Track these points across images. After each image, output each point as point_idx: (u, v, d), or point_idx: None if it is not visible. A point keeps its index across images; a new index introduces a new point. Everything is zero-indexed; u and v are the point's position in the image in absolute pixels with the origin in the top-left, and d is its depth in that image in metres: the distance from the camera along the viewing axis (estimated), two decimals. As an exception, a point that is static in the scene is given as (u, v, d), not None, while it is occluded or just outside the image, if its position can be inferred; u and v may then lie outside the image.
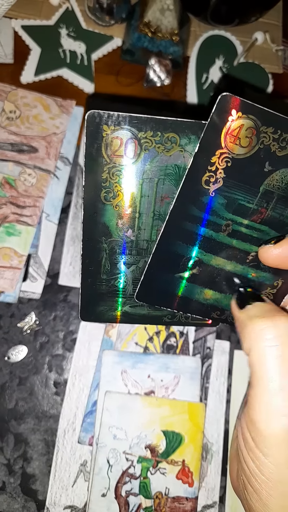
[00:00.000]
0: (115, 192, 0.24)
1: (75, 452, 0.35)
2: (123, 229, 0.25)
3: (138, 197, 0.25)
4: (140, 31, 0.44)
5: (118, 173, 0.24)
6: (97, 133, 0.23)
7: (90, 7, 0.45)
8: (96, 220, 0.25)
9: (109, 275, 0.27)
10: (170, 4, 0.43)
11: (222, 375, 0.38)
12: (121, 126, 0.23)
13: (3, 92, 0.42)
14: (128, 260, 0.26)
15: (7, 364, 0.36)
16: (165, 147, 0.23)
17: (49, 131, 0.41)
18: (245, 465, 0.23)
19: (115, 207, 0.25)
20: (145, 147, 0.23)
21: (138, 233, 0.26)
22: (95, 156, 0.23)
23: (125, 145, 0.23)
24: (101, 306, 0.27)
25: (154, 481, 0.34)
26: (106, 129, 0.23)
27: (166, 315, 0.28)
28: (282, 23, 0.51)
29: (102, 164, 0.24)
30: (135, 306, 0.28)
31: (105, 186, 0.24)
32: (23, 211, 0.39)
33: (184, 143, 0.23)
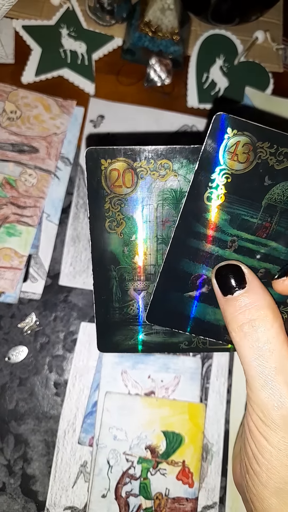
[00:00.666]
0: (118, 220, 0.25)
1: (75, 453, 0.35)
2: (130, 255, 0.26)
3: (140, 223, 0.26)
4: (140, 31, 0.44)
5: (119, 202, 0.25)
6: (96, 168, 0.24)
7: (91, 7, 0.45)
8: (104, 249, 0.26)
9: (121, 303, 0.27)
10: (171, 4, 0.42)
11: (222, 376, 0.38)
12: (117, 158, 0.24)
13: (3, 92, 0.42)
14: (138, 286, 0.27)
15: (7, 365, 0.36)
16: (160, 174, 0.25)
17: (50, 131, 0.41)
18: (248, 448, 0.23)
19: (119, 235, 0.26)
20: (141, 175, 0.25)
21: (145, 259, 0.27)
22: (97, 188, 0.25)
23: (122, 175, 0.24)
24: (117, 336, 0.28)
25: (154, 482, 0.34)
26: (104, 162, 0.24)
27: (183, 341, 0.29)
28: (283, 22, 0.51)
29: (104, 196, 0.25)
30: (150, 334, 0.28)
31: (108, 216, 0.25)
32: (24, 211, 0.39)
33: (177, 168, 0.25)
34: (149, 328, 0.28)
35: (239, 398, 0.38)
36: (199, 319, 0.27)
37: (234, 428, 0.37)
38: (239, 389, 0.38)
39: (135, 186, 0.25)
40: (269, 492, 0.22)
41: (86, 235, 0.40)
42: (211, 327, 0.27)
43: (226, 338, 0.27)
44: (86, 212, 0.41)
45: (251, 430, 0.23)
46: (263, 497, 0.22)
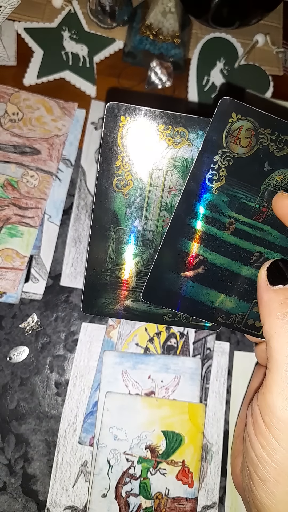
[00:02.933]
0: (126, 180, 0.25)
1: (76, 453, 0.35)
2: (131, 218, 0.26)
3: (147, 187, 0.26)
4: (141, 34, 0.44)
5: (130, 163, 0.25)
6: (115, 123, 0.24)
7: (93, 10, 0.45)
8: (107, 208, 0.26)
9: (113, 265, 0.27)
10: (172, 7, 0.43)
11: (222, 376, 0.38)
12: (137, 118, 0.24)
13: (6, 94, 0.42)
14: (134, 251, 0.27)
15: (8, 365, 0.37)
16: (175, 141, 0.25)
17: (51, 133, 0.42)
18: (252, 453, 0.23)
19: (125, 195, 0.26)
20: (158, 139, 0.25)
21: (145, 223, 0.26)
22: (111, 144, 0.24)
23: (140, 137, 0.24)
24: (104, 298, 0.27)
25: (154, 481, 0.34)
26: (123, 119, 0.24)
27: (167, 313, 0.29)
28: (283, 25, 0.51)
29: (117, 153, 0.25)
30: (137, 301, 0.28)
31: (117, 174, 0.25)
32: (26, 212, 0.39)
33: (192, 138, 0.25)
34: (137, 295, 0.28)
35: (239, 399, 0.38)
36: (192, 299, 0.27)
37: (234, 428, 0.37)
38: (239, 389, 0.38)
39: (149, 151, 0.25)
40: (277, 498, 0.22)
41: (87, 236, 0.40)
42: (204, 308, 0.27)
43: (218, 320, 0.27)
44: (87, 213, 0.41)
45: (262, 432, 0.23)
46: (270, 504, 0.22)
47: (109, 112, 0.24)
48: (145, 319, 0.29)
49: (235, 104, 0.23)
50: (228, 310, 0.27)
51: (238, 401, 0.38)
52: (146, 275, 0.27)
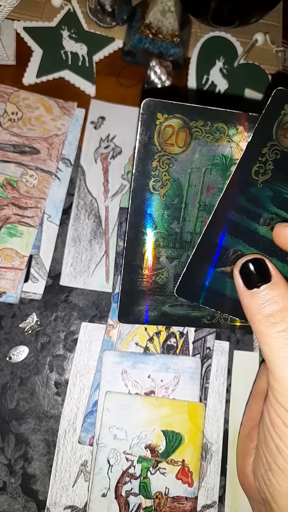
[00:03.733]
0: (164, 181, 0.24)
1: (76, 452, 0.35)
2: (168, 220, 0.25)
3: (186, 187, 0.25)
4: (141, 33, 0.44)
5: (168, 162, 0.24)
6: (151, 121, 0.23)
7: (92, 9, 0.45)
8: (142, 211, 0.25)
9: (150, 271, 0.26)
10: (171, 6, 0.43)
11: (221, 375, 0.38)
12: (174, 114, 0.23)
13: (5, 94, 0.42)
14: (172, 254, 0.26)
15: (8, 365, 0.37)
16: (214, 137, 0.24)
17: (51, 133, 0.41)
18: (272, 444, 0.24)
19: (162, 196, 0.25)
20: (195, 136, 0.24)
21: (183, 225, 0.25)
22: (147, 144, 0.23)
23: (176, 133, 0.23)
24: (141, 306, 0.26)
25: (154, 481, 0.34)
26: (159, 117, 0.23)
27: (205, 316, 0.27)
28: (282, 24, 0.51)
29: (153, 152, 0.24)
30: (174, 306, 0.27)
31: (154, 174, 0.24)
32: (25, 212, 0.39)
33: (231, 134, 0.24)
34: (175, 300, 0.26)
35: (238, 398, 0.38)
36: (229, 297, 0.26)
37: (233, 427, 0.37)
38: (239, 389, 0.38)
39: (187, 147, 0.24)
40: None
41: (87, 236, 0.40)
42: (236, 306, 0.25)
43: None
44: (87, 213, 0.41)
45: (276, 424, 0.23)
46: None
47: (145, 109, 0.23)
48: (183, 323, 0.27)
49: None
50: None
51: (238, 401, 0.38)
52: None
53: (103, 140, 0.43)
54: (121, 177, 0.42)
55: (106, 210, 0.41)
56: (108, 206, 0.41)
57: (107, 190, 0.42)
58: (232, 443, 0.37)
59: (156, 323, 0.27)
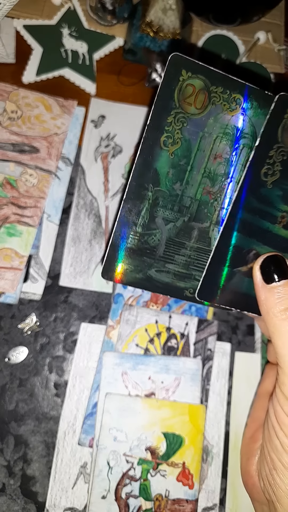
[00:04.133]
0: (175, 139, 0.24)
1: (75, 454, 0.35)
2: (172, 180, 0.25)
3: (195, 150, 0.25)
4: (142, 31, 0.44)
5: (183, 120, 0.24)
6: (175, 76, 0.23)
7: (92, 7, 0.45)
8: (149, 165, 0.25)
9: (144, 229, 0.26)
10: (172, 4, 0.42)
11: (223, 377, 0.38)
12: (198, 75, 0.23)
13: (4, 92, 0.42)
14: (168, 216, 0.26)
15: (7, 366, 0.36)
16: (230, 106, 0.24)
17: (51, 132, 0.41)
18: (277, 441, 0.24)
19: (171, 154, 0.25)
20: (213, 101, 0.24)
21: (185, 188, 0.25)
22: (167, 98, 0.24)
23: (196, 94, 0.24)
24: (127, 265, 0.26)
25: (154, 483, 0.34)
26: (184, 74, 0.23)
27: (188, 288, 0.27)
28: (285, 23, 0.51)
29: (171, 108, 0.24)
30: (160, 272, 0.26)
31: (167, 130, 0.24)
32: (24, 211, 0.39)
33: (246, 107, 0.24)
34: (162, 265, 0.26)
35: (240, 400, 0.37)
36: (247, 295, 0.26)
37: (235, 429, 0.37)
38: (240, 390, 0.38)
39: (203, 110, 0.24)
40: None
41: (87, 236, 0.40)
42: (253, 302, 0.26)
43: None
44: (87, 212, 0.41)
45: (282, 421, 0.24)
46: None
47: (171, 63, 0.23)
48: (166, 292, 0.27)
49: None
50: None
51: (240, 402, 0.37)
52: (176, 244, 0.26)
53: (103, 139, 0.43)
54: (121, 176, 0.42)
55: (106, 210, 0.41)
56: (108, 205, 0.41)
57: (107, 189, 0.41)
58: (233, 445, 0.37)
59: (138, 286, 0.26)
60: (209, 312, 0.39)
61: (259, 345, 0.39)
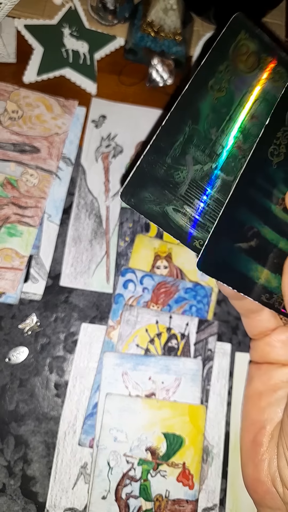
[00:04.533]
0: (222, 86, 0.26)
1: (76, 454, 0.35)
2: (211, 123, 0.26)
3: (236, 103, 0.26)
4: (143, 31, 0.44)
5: (233, 72, 0.25)
6: (234, 33, 0.25)
7: (93, 7, 0.45)
8: (194, 101, 0.26)
9: (173, 162, 0.26)
10: (173, 4, 0.42)
11: (223, 377, 0.38)
12: (254, 40, 0.25)
13: (5, 92, 0.41)
14: (198, 157, 0.26)
15: (7, 366, 0.36)
16: (274, 77, 0.26)
17: (51, 131, 0.41)
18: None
19: (215, 99, 0.26)
20: (261, 67, 0.26)
21: (220, 136, 0.26)
22: (222, 49, 0.25)
23: (248, 55, 0.25)
24: (148, 193, 0.26)
25: (154, 483, 0.34)
26: (242, 34, 0.25)
27: (199, 239, 0.27)
28: (285, 23, 0.51)
29: (224, 58, 0.25)
30: (177, 212, 0.26)
31: (217, 76, 0.25)
32: (25, 211, 0.39)
33: (285, 82, 0.26)
34: (181, 205, 0.26)
35: (240, 400, 0.37)
36: (243, 275, 0.26)
37: (235, 430, 0.37)
38: (240, 391, 0.38)
39: (251, 71, 0.26)
40: None
41: (87, 236, 0.40)
42: (252, 284, 0.26)
43: (261, 299, 0.27)
44: (88, 212, 0.41)
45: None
46: None
47: (234, 21, 0.24)
48: (177, 235, 0.27)
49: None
50: (271, 289, 0.27)
51: (240, 403, 0.37)
52: (199, 188, 0.26)
53: (104, 139, 0.43)
54: (122, 177, 0.42)
55: (107, 210, 0.41)
56: (109, 205, 0.41)
57: (108, 189, 0.41)
58: (233, 445, 0.37)
59: (152, 219, 0.26)
60: (209, 312, 0.39)
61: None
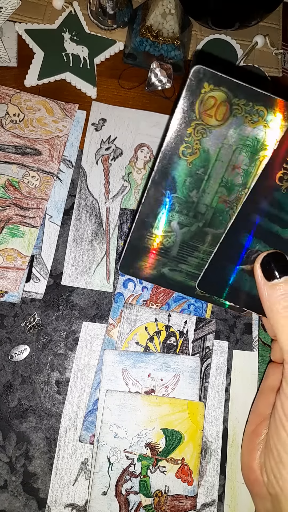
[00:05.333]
0: (194, 149, 0.25)
1: (76, 451, 0.36)
2: (189, 188, 0.26)
3: (213, 160, 0.25)
4: (142, 35, 0.44)
5: (203, 132, 0.24)
6: (197, 88, 0.24)
7: (93, 11, 0.46)
8: (168, 172, 0.25)
9: (160, 231, 0.27)
10: (172, 8, 0.43)
11: (221, 375, 0.38)
12: (220, 87, 0.23)
13: (7, 95, 0.42)
14: (183, 221, 0.27)
15: (10, 363, 0.37)
16: (252, 119, 0.24)
17: (52, 134, 0.42)
18: (284, 435, 0.25)
19: (189, 164, 0.25)
20: (234, 113, 0.24)
21: (201, 196, 0.26)
22: (188, 109, 0.24)
23: (217, 106, 0.24)
24: (143, 261, 0.27)
25: (154, 479, 0.34)
26: (206, 86, 0.24)
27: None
28: (282, 27, 0.52)
29: (191, 119, 0.24)
30: (173, 270, 0.28)
31: (187, 141, 0.25)
32: (27, 212, 0.39)
33: (269, 119, 0.24)
34: (175, 265, 0.27)
35: (238, 397, 0.38)
36: (247, 292, 0.27)
37: (233, 426, 0.37)
38: (237, 388, 0.38)
39: (224, 122, 0.24)
40: None
41: (88, 236, 0.41)
42: (254, 301, 0.27)
43: (264, 313, 0.28)
44: (88, 214, 0.41)
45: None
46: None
47: (194, 75, 0.23)
48: (177, 289, 0.28)
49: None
50: None
51: (237, 400, 0.38)
52: (190, 247, 0.27)
53: (104, 142, 0.44)
54: (121, 179, 0.43)
55: (107, 211, 0.42)
56: (109, 207, 0.42)
57: (108, 191, 0.42)
58: (231, 442, 0.37)
59: (152, 282, 0.28)
60: (207, 311, 0.40)
61: (256, 343, 0.40)
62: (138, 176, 0.43)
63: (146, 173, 0.43)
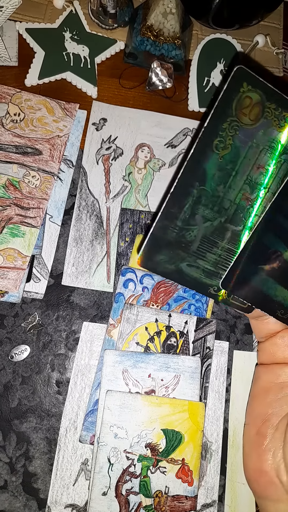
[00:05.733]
0: (227, 144, 0.26)
1: (77, 451, 0.36)
2: (217, 182, 0.27)
3: (242, 157, 0.26)
4: (142, 35, 0.44)
5: (236, 128, 0.26)
6: (236, 87, 0.25)
7: (94, 11, 0.46)
8: (200, 164, 0.26)
9: (183, 224, 0.27)
10: (173, 8, 0.43)
11: (221, 375, 0.38)
12: (257, 89, 0.25)
13: (7, 95, 0.42)
14: (207, 215, 0.27)
15: (10, 364, 0.37)
16: (279, 124, 0.26)
17: (53, 134, 0.42)
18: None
19: (220, 158, 0.26)
20: (265, 116, 0.26)
21: (227, 191, 0.27)
22: (225, 105, 0.25)
23: (252, 107, 0.26)
24: (162, 255, 0.27)
25: (154, 480, 0.34)
26: (245, 86, 0.25)
27: (214, 286, 0.29)
28: (283, 26, 0.52)
29: (227, 115, 0.26)
30: (191, 266, 0.28)
31: (221, 135, 0.26)
32: (27, 212, 0.39)
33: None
34: (194, 260, 0.27)
35: (238, 397, 0.38)
36: (261, 291, 0.28)
37: (233, 427, 0.37)
38: (238, 388, 0.38)
39: (256, 122, 0.26)
40: None
41: (88, 236, 0.41)
42: (269, 300, 0.28)
43: (277, 314, 0.28)
44: (89, 214, 0.41)
45: None
46: None
47: (236, 75, 0.25)
48: (192, 286, 0.29)
49: None
50: (287, 306, 0.29)
51: (238, 400, 0.38)
52: (210, 242, 0.27)
53: (104, 142, 0.44)
54: (122, 178, 0.43)
55: (108, 211, 0.42)
56: (109, 207, 0.42)
57: (109, 191, 0.42)
58: (231, 442, 0.37)
59: (168, 277, 0.28)
60: (208, 311, 0.40)
61: (257, 343, 0.39)
62: (138, 176, 0.43)
63: (146, 173, 0.43)
